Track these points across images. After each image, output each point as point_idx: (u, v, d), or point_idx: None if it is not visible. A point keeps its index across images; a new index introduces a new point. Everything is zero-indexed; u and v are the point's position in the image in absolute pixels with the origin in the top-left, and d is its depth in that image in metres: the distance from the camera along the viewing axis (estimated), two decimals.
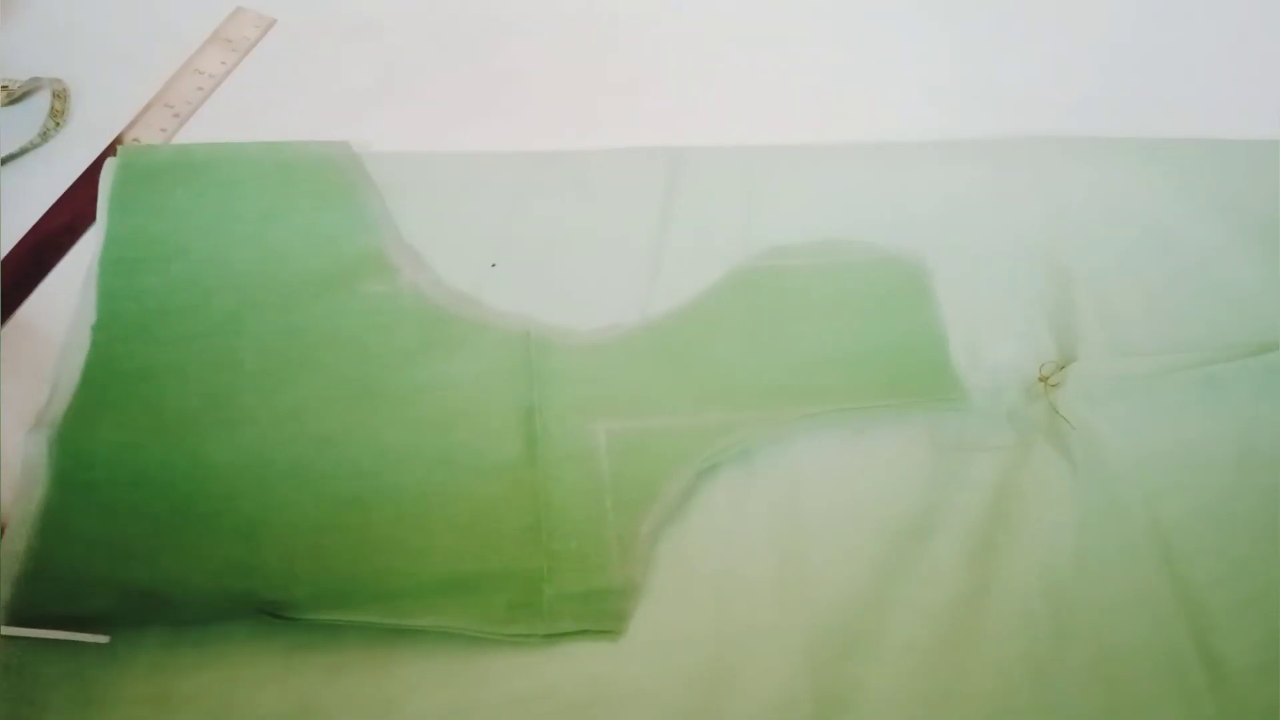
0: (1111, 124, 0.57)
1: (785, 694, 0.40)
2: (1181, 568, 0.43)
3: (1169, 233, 0.53)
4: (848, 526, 0.44)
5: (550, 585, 0.41)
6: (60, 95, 0.55)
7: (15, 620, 0.39)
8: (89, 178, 0.52)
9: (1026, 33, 0.63)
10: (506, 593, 0.41)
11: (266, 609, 0.40)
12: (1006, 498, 0.45)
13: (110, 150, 0.53)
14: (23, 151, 0.53)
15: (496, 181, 0.53)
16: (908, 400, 0.47)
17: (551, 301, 0.49)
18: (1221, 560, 0.43)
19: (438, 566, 0.42)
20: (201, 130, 0.55)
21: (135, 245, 0.48)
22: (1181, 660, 0.41)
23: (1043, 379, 0.48)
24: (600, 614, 0.41)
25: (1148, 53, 0.62)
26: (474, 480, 0.44)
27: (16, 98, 0.55)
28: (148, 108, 0.56)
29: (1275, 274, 0.51)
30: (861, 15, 0.63)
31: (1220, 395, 0.48)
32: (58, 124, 0.54)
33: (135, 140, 0.54)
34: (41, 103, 0.55)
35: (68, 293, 0.48)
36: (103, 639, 0.39)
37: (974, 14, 0.63)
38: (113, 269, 0.48)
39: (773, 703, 0.40)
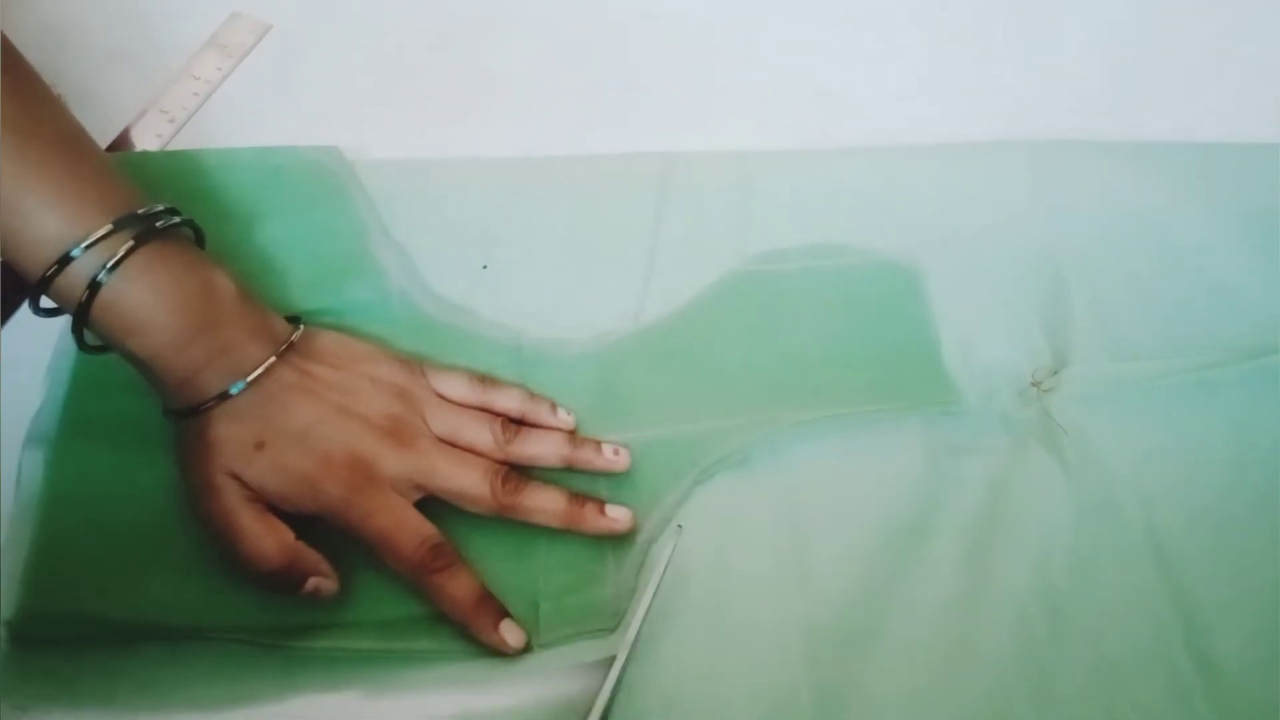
0: (1108, 127, 0.57)
1: (784, 696, 0.40)
2: (1176, 570, 0.43)
3: (1165, 236, 0.53)
4: (845, 530, 0.44)
5: (547, 602, 0.41)
6: None
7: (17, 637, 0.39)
8: None
9: (1022, 36, 0.63)
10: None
11: (259, 637, 0.40)
12: (1001, 500, 0.45)
13: None
14: None
15: (488, 188, 0.53)
16: (902, 404, 0.47)
17: (544, 309, 0.49)
18: (1216, 562, 0.44)
19: None
20: (197, 136, 0.55)
21: None
22: (1176, 661, 0.41)
23: (1035, 384, 0.48)
24: (595, 618, 0.41)
25: (1144, 56, 0.62)
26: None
27: None
28: (143, 113, 0.56)
29: (1271, 278, 0.51)
30: (855, 18, 0.63)
31: (1215, 399, 0.48)
32: None
33: (131, 146, 0.54)
34: None
35: None
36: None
37: (969, 17, 0.63)
38: None
39: (772, 705, 0.40)
